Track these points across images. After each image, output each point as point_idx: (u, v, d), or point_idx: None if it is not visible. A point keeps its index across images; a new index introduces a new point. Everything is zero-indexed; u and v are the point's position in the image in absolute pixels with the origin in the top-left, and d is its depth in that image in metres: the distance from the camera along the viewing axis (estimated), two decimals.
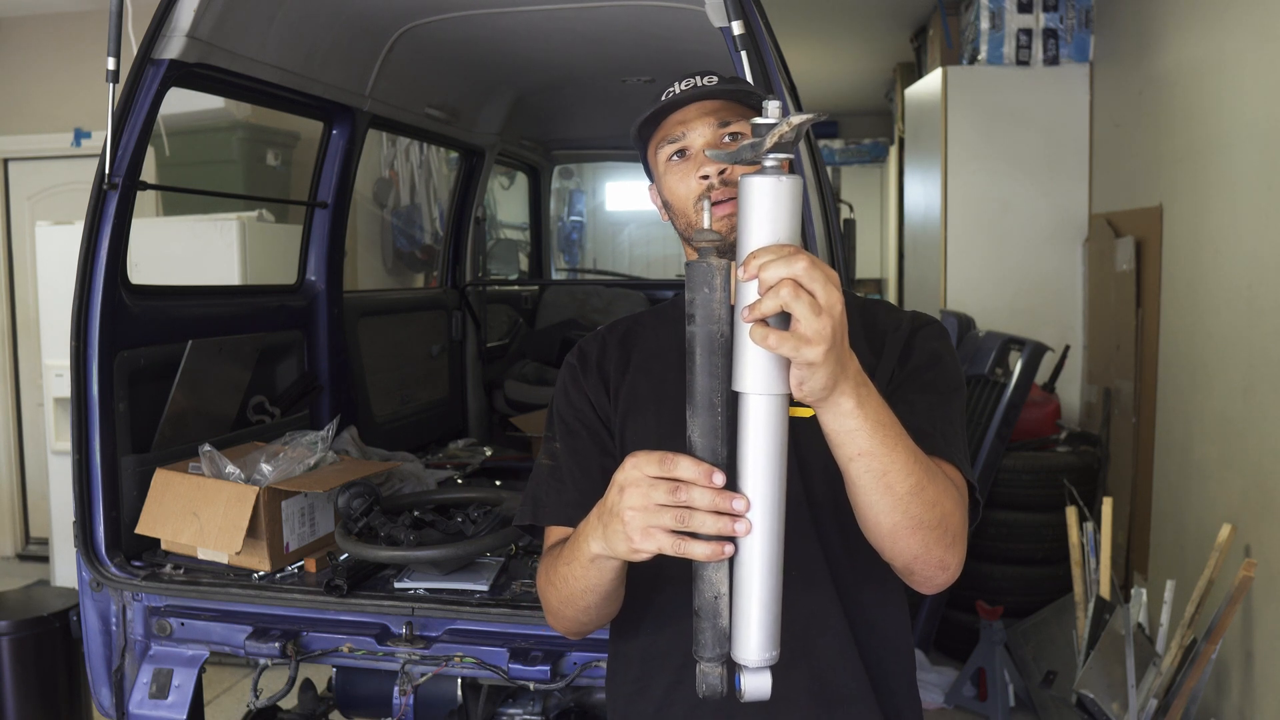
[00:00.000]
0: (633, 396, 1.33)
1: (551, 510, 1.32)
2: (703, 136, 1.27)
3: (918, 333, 1.31)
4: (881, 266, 9.66)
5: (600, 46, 3.06)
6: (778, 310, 0.89)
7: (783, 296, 0.88)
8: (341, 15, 2.61)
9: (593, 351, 1.40)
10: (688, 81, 1.29)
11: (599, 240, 9.54)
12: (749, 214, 0.92)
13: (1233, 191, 3.14)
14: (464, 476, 3.09)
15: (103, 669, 2.13)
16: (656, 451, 0.98)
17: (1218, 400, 3.23)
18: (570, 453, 1.34)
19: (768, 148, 0.91)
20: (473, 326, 4.03)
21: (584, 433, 1.34)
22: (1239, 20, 3.13)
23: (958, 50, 5.16)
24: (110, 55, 2.03)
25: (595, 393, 1.36)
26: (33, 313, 5.29)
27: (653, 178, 1.38)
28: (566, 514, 1.29)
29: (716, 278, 0.93)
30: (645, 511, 0.97)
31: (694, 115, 1.28)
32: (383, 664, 2.02)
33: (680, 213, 1.30)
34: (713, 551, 0.95)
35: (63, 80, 5.48)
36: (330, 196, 2.98)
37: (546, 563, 1.27)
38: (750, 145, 0.92)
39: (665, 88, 1.32)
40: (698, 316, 0.94)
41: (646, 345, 1.38)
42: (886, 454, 1.01)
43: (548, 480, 1.34)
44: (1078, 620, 3.28)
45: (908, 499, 1.04)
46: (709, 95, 1.27)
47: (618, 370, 1.36)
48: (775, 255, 0.89)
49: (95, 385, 2.12)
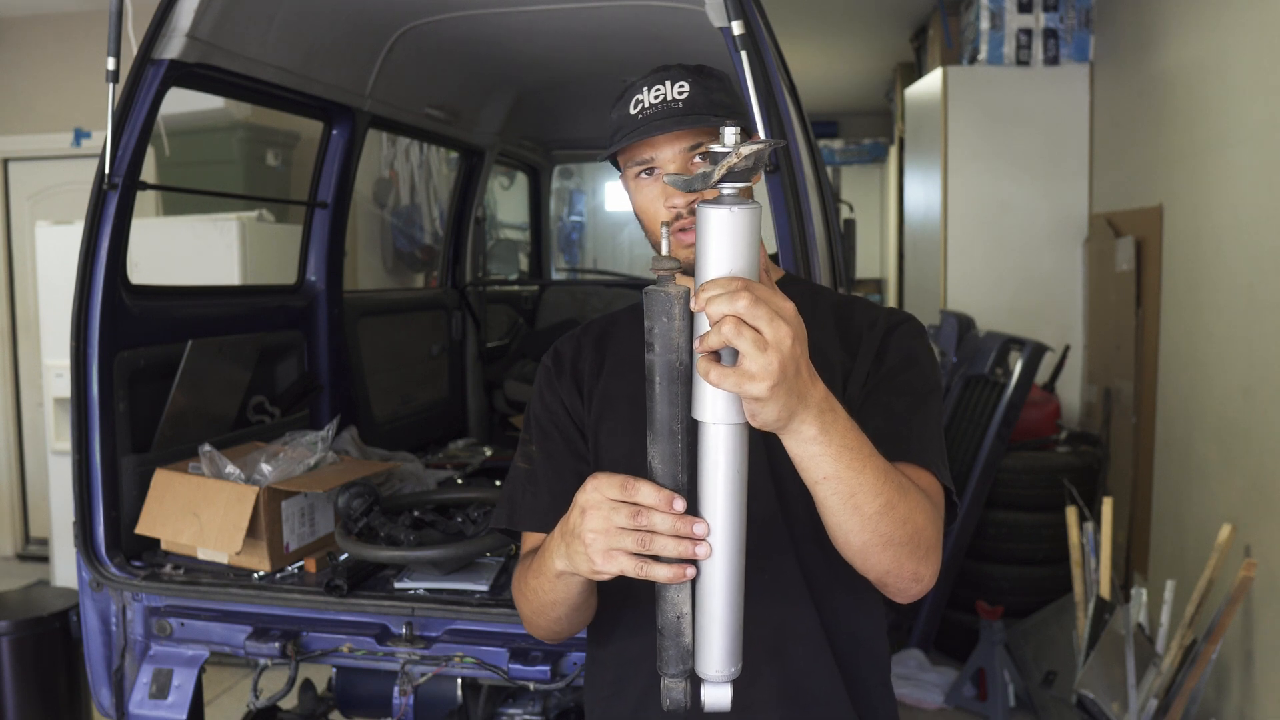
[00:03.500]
0: (606, 399, 1.32)
1: (526, 515, 1.32)
2: (671, 161, 1.25)
3: (893, 331, 1.29)
4: (881, 266, 9.66)
5: (600, 46, 3.06)
6: (722, 345, 0.88)
7: (725, 333, 0.87)
8: (341, 15, 2.61)
9: (567, 353, 1.38)
10: (656, 91, 1.25)
11: (599, 240, 9.53)
12: (704, 244, 0.91)
13: (1233, 191, 3.14)
14: (464, 476, 3.09)
15: (103, 669, 2.13)
16: (618, 475, 0.98)
17: (1218, 400, 3.23)
18: (545, 456, 1.33)
19: (717, 178, 0.89)
20: (473, 326, 4.03)
21: (558, 436, 1.34)
22: (1239, 20, 3.13)
23: (958, 50, 5.15)
24: (110, 55, 2.03)
25: (569, 396, 1.35)
26: (33, 313, 5.29)
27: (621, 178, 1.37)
28: (541, 520, 1.30)
29: (675, 306, 0.93)
30: (607, 534, 0.98)
31: (663, 139, 1.25)
32: (383, 664, 2.01)
33: (648, 229, 1.30)
34: (674, 574, 0.96)
35: (63, 80, 5.48)
36: (330, 196, 2.98)
37: (520, 571, 1.28)
38: (702, 175, 0.91)
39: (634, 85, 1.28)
40: (656, 345, 0.94)
41: (621, 347, 1.36)
42: (854, 477, 1.00)
43: (524, 484, 1.34)
44: (1078, 620, 3.28)
45: (877, 518, 1.03)
46: (673, 126, 1.23)
47: (592, 372, 1.35)
48: (721, 290, 0.88)
49: (95, 385, 2.12)
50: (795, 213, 1.93)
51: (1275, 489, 2.82)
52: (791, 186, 1.94)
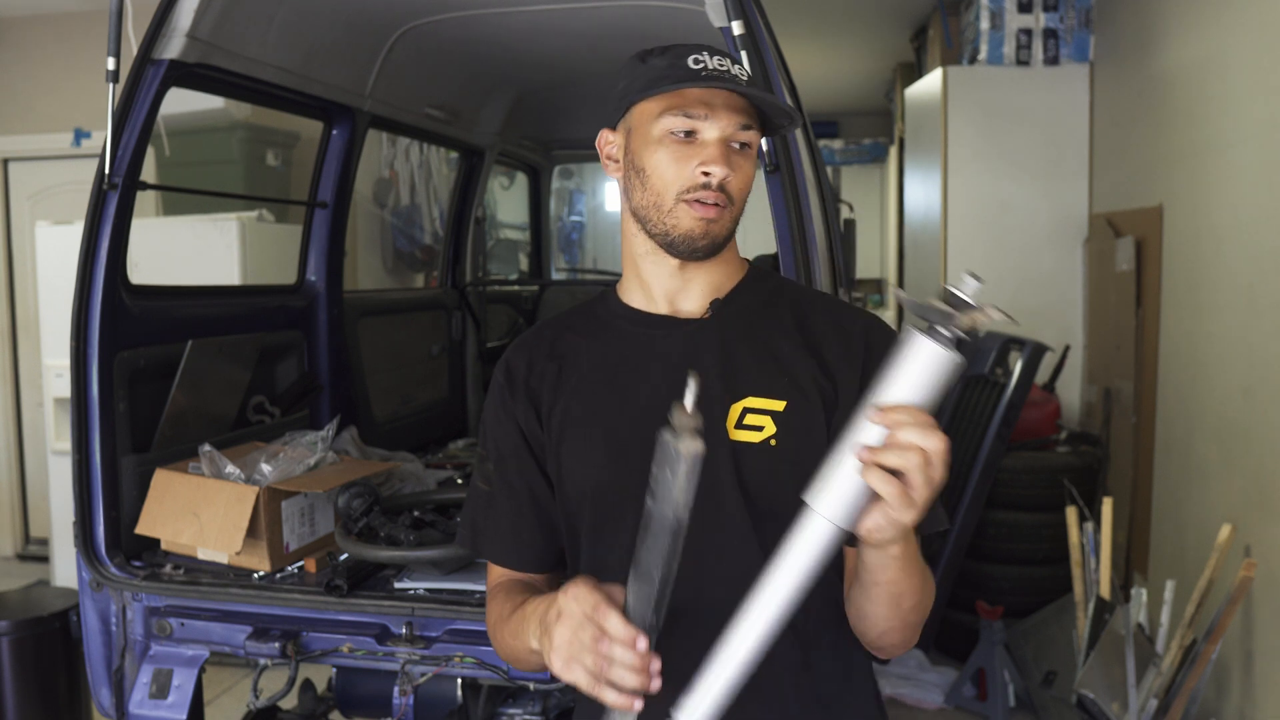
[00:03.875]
0: (567, 420, 1.25)
1: (488, 541, 1.30)
2: (720, 129, 1.17)
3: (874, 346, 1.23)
4: (881, 266, 9.66)
5: (600, 46, 3.06)
6: (899, 470, 0.92)
7: (910, 463, 0.91)
8: (341, 15, 2.61)
9: (520, 368, 1.30)
10: (719, 59, 1.18)
11: (599, 240, 9.53)
12: (906, 366, 0.93)
13: (1233, 191, 3.14)
14: (464, 476, 3.09)
15: (103, 669, 2.13)
16: (597, 592, 1.01)
17: (1218, 400, 3.23)
18: (502, 481, 1.29)
19: (966, 327, 0.92)
20: (473, 326, 4.03)
21: (513, 461, 1.28)
22: (1239, 20, 3.13)
23: (958, 50, 5.15)
24: (110, 55, 2.03)
25: (525, 417, 1.27)
26: (33, 313, 5.29)
27: (614, 123, 1.26)
28: (500, 549, 1.29)
29: (681, 466, 0.94)
30: (570, 645, 1.01)
31: (721, 102, 1.17)
32: (383, 664, 2.01)
33: (654, 190, 1.19)
34: (623, 703, 0.99)
35: (63, 80, 5.48)
36: (330, 196, 2.98)
37: (495, 610, 1.26)
38: (943, 313, 0.92)
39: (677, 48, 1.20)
40: (658, 494, 0.96)
41: (577, 360, 1.28)
42: (906, 580, 1.07)
43: (484, 507, 1.31)
44: (1078, 620, 3.28)
45: (908, 611, 1.11)
46: (754, 97, 1.17)
47: (550, 389, 1.27)
48: (918, 422, 0.91)
49: (95, 385, 2.12)
50: (795, 213, 1.93)
51: (1275, 489, 2.82)
52: (791, 186, 1.94)
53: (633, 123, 1.22)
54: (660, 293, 1.26)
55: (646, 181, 1.20)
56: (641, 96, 1.19)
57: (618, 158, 1.26)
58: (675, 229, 1.19)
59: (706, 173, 1.17)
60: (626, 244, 1.28)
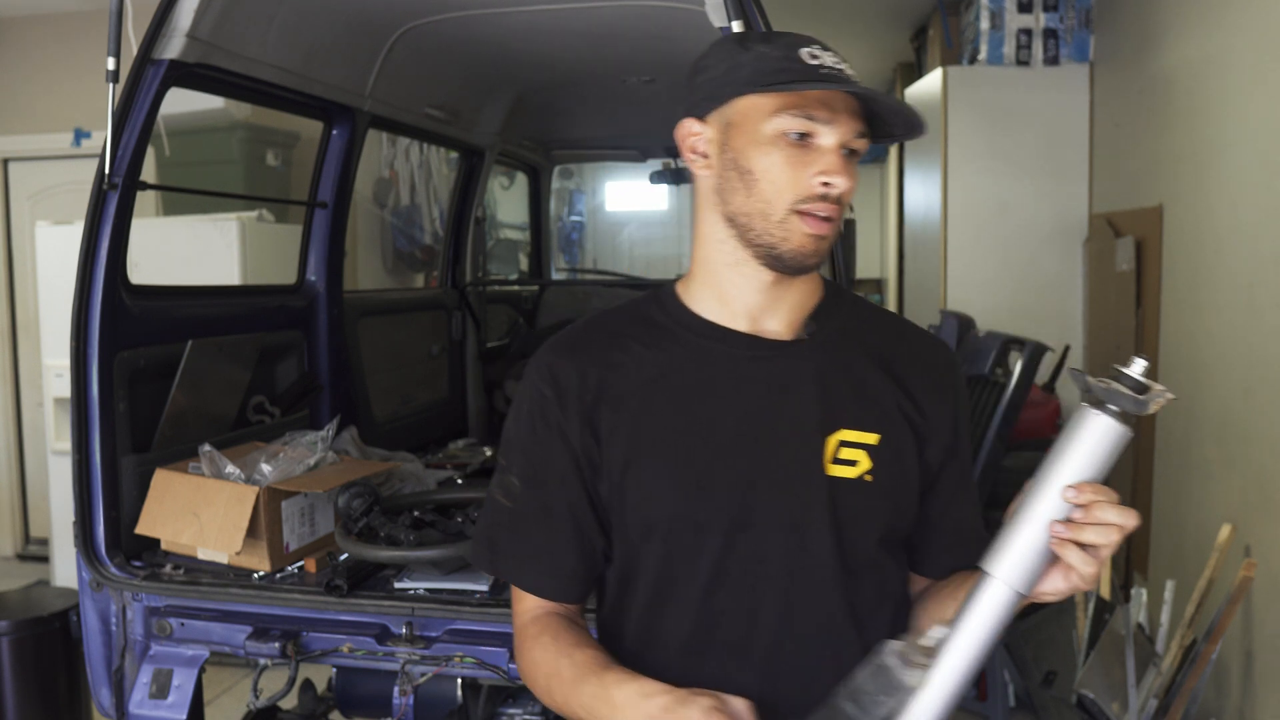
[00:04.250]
0: (635, 441, 1.12)
1: (512, 565, 1.19)
2: (840, 135, 1.07)
3: (959, 388, 1.22)
4: (881, 266, 9.65)
5: (600, 46, 3.06)
6: (1096, 544, 0.95)
7: (1110, 539, 0.95)
8: (341, 15, 2.61)
9: (570, 378, 1.15)
10: (834, 57, 1.07)
11: (599, 240, 9.53)
12: (1089, 443, 0.98)
13: (1233, 191, 3.14)
14: (464, 476, 3.09)
15: (103, 669, 2.13)
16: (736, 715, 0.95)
17: (1218, 400, 3.23)
18: (535, 503, 1.16)
19: (1153, 408, 0.98)
20: (473, 326, 4.03)
21: (554, 484, 1.15)
22: (1239, 20, 3.13)
23: (958, 50, 5.15)
24: (110, 55, 2.03)
25: (579, 435, 1.13)
26: (33, 313, 5.29)
27: (704, 113, 1.12)
28: (534, 576, 1.18)
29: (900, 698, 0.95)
30: None
31: (843, 106, 1.07)
32: (383, 664, 2.01)
33: (762, 196, 1.07)
34: None
35: (63, 80, 5.48)
36: (330, 196, 2.98)
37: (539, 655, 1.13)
38: (1134, 400, 0.97)
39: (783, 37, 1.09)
40: (864, 707, 0.97)
41: (639, 373, 1.15)
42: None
43: (506, 526, 1.19)
44: (1078, 620, 3.27)
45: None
46: (888, 105, 1.07)
47: (610, 405, 1.13)
48: (1113, 500, 0.96)
49: (95, 385, 2.12)
50: None
51: (1275, 489, 2.82)
52: None
53: (734, 117, 1.09)
54: (742, 307, 1.15)
55: (753, 186, 1.08)
56: (752, 90, 1.07)
57: (708, 153, 1.13)
58: (785, 242, 1.08)
59: (827, 183, 1.06)
60: (705, 247, 1.16)
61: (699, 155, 1.14)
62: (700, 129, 1.13)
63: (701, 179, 1.14)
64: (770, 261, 1.11)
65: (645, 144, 4.76)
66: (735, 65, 1.09)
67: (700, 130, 1.13)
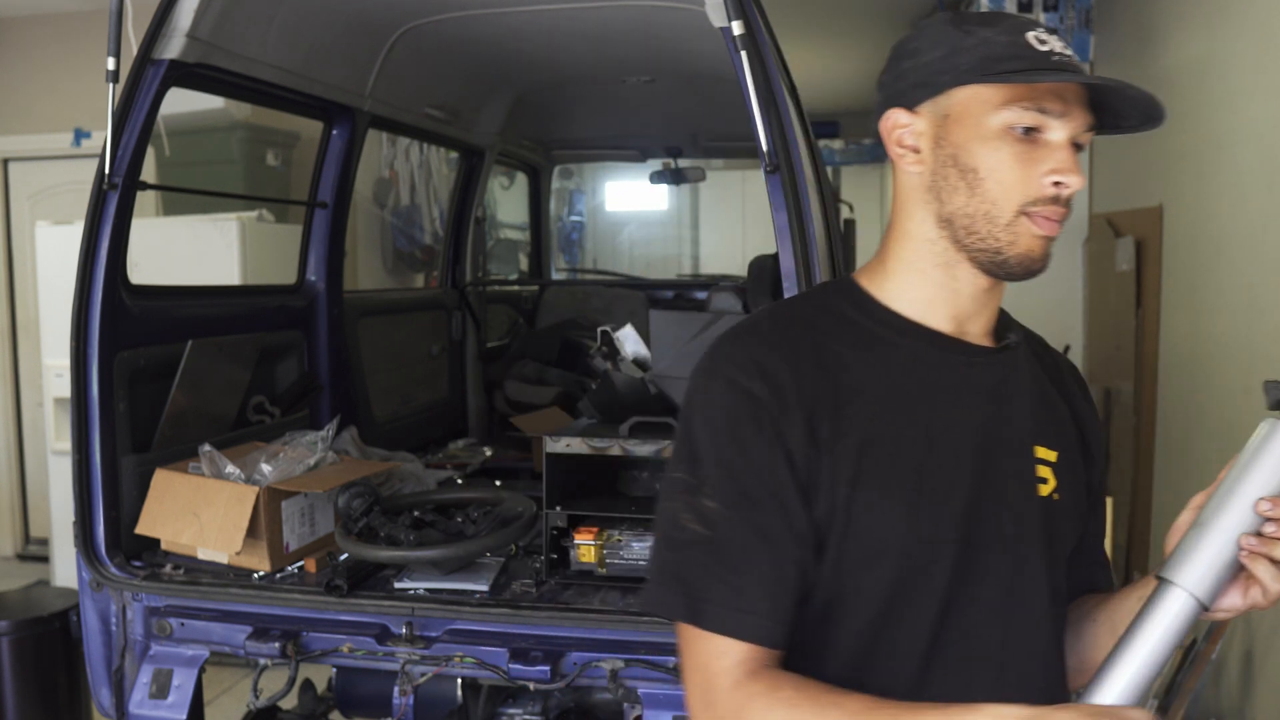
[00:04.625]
0: (863, 453, 0.97)
1: (720, 610, 0.94)
2: (1071, 130, 0.98)
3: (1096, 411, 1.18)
4: None
5: (600, 46, 3.06)
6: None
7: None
8: (341, 15, 2.61)
9: (785, 377, 0.97)
10: (1058, 39, 0.99)
11: (599, 240, 9.53)
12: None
13: (1233, 191, 3.14)
14: (464, 476, 3.09)
15: (103, 669, 2.13)
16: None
17: (1218, 400, 3.23)
18: (746, 529, 0.95)
19: None
20: (473, 326, 4.03)
21: (771, 502, 0.95)
22: (1239, 20, 3.13)
23: None
24: (110, 55, 2.03)
25: (800, 444, 0.96)
26: (33, 313, 5.29)
27: (915, 102, 1.02)
28: (752, 621, 0.94)
29: None
30: None
31: (1074, 97, 0.98)
32: (383, 664, 2.01)
33: (987, 196, 0.98)
34: None
35: (63, 80, 5.48)
36: (330, 196, 2.98)
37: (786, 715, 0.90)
38: None
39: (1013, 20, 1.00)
40: None
41: (856, 373, 1.01)
42: None
43: (705, 560, 0.95)
44: None
45: None
46: (1137, 97, 0.97)
47: (830, 411, 0.98)
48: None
49: (95, 385, 2.12)
50: (795, 212, 1.93)
51: None
52: (791, 186, 1.94)
53: (953, 108, 0.99)
54: (950, 310, 1.05)
55: (978, 185, 0.98)
56: (980, 79, 0.97)
57: (918, 146, 1.03)
58: (1012, 246, 0.99)
59: (1059, 183, 0.97)
60: (909, 246, 1.05)
61: (906, 149, 1.04)
62: (909, 120, 1.03)
63: (909, 175, 1.04)
64: (992, 267, 1.01)
65: (645, 144, 4.76)
66: (954, 50, 0.99)
67: (909, 122, 1.03)
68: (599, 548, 2.02)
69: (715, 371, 1.00)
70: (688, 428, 1.00)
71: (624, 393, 2.27)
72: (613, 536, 2.03)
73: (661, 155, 4.79)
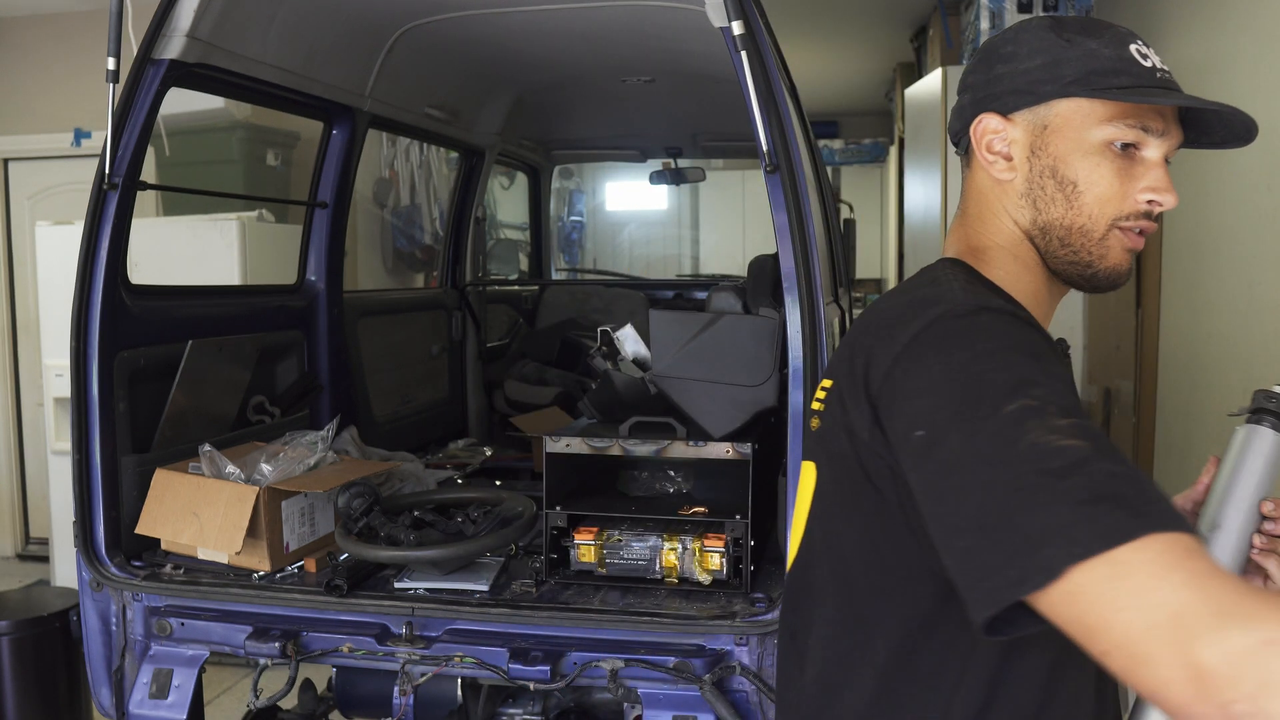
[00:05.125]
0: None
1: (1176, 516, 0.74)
2: (1167, 149, 1.02)
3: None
4: (881, 266, 9.66)
5: (600, 46, 3.06)
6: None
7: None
8: (341, 15, 2.61)
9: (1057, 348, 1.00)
10: (1156, 54, 1.02)
11: (599, 240, 9.54)
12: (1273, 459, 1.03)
13: (1233, 192, 3.14)
14: (464, 476, 3.09)
15: (103, 669, 2.13)
16: None
17: (1218, 400, 3.23)
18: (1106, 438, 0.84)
19: None
20: (473, 326, 4.03)
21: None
22: (1239, 20, 3.13)
23: (958, 50, 5.15)
24: (110, 55, 2.03)
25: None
26: (33, 313, 5.29)
27: (1010, 108, 1.00)
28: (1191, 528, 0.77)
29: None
30: None
31: (1172, 116, 1.02)
32: (383, 664, 2.01)
33: (1084, 210, 0.98)
34: None
35: (63, 80, 5.48)
36: (330, 196, 2.98)
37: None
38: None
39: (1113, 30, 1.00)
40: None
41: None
42: None
43: (1112, 470, 0.75)
44: None
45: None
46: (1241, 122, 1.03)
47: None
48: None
49: (95, 385, 2.12)
50: (795, 212, 1.93)
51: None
52: (791, 186, 1.94)
53: (1053, 119, 0.99)
54: (1040, 311, 1.06)
55: (1076, 198, 0.98)
56: (1088, 93, 0.96)
57: (1010, 154, 1.01)
58: (1102, 260, 0.99)
59: (1153, 200, 0.99)
60: (1004, 251, 1.03)
61: (997, 155, 1.02)
62: (1002, 126, 1.01)
63: (1000, 182, 1.02)
64: (1080, 280, 1.02)
65: (645, 144, 4.76)
66: (1057, 60, 0.98)
67: (1002, 128, 1.01)
68: (599, 547, 2.02)
69: (985, 308, 0.90)
70: (989, 362, 0.83)
71: (624, 393, 2.27)
72: (613, 536, 2.03)
73: (661, 155, 4.79)
